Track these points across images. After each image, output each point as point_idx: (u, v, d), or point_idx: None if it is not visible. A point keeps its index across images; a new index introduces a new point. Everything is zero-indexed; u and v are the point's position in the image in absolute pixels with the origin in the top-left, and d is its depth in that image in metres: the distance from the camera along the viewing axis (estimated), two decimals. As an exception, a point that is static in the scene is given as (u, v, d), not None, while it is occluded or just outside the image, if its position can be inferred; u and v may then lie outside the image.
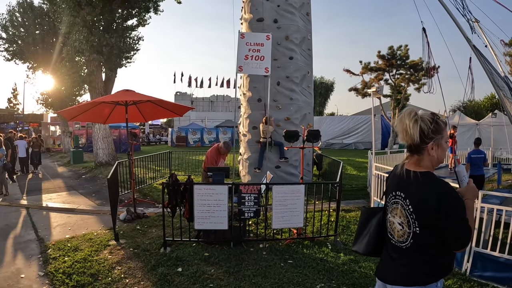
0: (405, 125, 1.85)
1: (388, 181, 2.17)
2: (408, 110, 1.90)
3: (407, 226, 1.88)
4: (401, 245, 1.93)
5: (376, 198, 7.56)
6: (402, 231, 1.91)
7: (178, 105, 8.49)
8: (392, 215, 2.00)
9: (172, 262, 4.87)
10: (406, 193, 1.89)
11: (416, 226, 1.82)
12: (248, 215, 5.26)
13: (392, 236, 2.01)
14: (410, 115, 1.85)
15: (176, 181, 5.46)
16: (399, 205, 1.94)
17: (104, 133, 16.05)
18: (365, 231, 2.20)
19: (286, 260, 4.97)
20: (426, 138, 1.83)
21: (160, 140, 41.35)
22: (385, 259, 2.09)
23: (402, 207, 1.91)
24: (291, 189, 5.34)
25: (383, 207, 2.21)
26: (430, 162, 1.89)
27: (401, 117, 1.90)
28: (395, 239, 1.97)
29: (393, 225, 1.99)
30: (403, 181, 1.92)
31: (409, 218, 1.85)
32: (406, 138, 1.87)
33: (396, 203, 1.96)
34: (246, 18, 10.64)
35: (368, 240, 2.16)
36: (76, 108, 7.35)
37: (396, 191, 1.97)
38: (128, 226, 6.79)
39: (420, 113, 1.86)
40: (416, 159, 1.91)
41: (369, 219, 2.21)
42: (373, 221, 2.17)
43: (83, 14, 13.86)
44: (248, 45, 5.82)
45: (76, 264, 4.93)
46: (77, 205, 8.90)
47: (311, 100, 11.18)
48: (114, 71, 16.70)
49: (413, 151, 1.91)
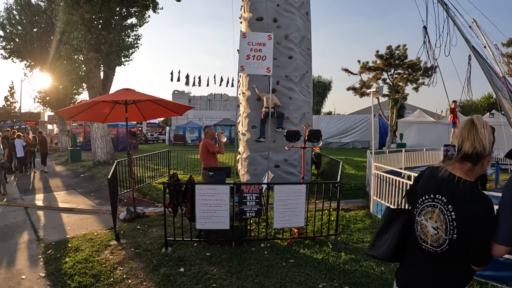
0: (482, 134, 1.79)
1: (420, 181, 2.06)
2: (481, 119, 1.85)
3: (443, 231, 1.82)
4: (435, 250, 1.87)
5: (375, 197, 7.58)
6: (437, 236, 1.85)
7: (178, 104, 8.47)
8: (425, 218, 1.92)
9: (174, 262, 4.87)
10: (450, 199, 1.82)
11: (454, 233, 1.78)
12: (250, 214, 5.27)
13: (423, 241, 1.93)
14: (486, 125, 1.82)
15: (178, 181, 5.46)
16: (436, 209, 1.87)
17: (103, 132, 15.99)
18: (387, 234, 2.10)
19: (287, 260, 4.99)
20: (489, 150, 1.82)
21: (157, 138, 41.23)
22: (409, 265, 2.03)
23: (441, 212, 1.84)
24: (293, 189, 5.35)
25: (406, 210, 2.13)
26: (476, 174, 1.86)
27: (474, 124, 1.84)
28: (428, 243, 1.90)
29: (425, 228, 1.92)
30: (447, 185, 1.86)
31: (448, 224, 1.80)
32: (476, 145, 1.80)
33: (434, 206, 1.89)
34: (246, 17, 10.62)
35: (390, 244, 2.06)
36: (75, 107, 7.33)
37: (436, 194, 1.89)
38: (129, 226, 6.78)
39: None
40: (469, 168, 1.84)
41: (393, 221, 2.12)
42: (397, 223, 2.08)
43: (82, 12, 13.79)
44: (250, 44, 5.81)
45: (78, 265, 4.91)
46: (76, 205, 8.87)
47: (310, 99, 11.18)
48: (113, 69, 16.63)
49: (470, 159, 1.83)
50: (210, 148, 6.92)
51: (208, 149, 6.92)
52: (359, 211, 7.79)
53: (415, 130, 25.57)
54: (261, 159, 10.03)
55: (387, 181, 7.04)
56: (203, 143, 7.03)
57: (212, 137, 7.20)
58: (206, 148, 6.93)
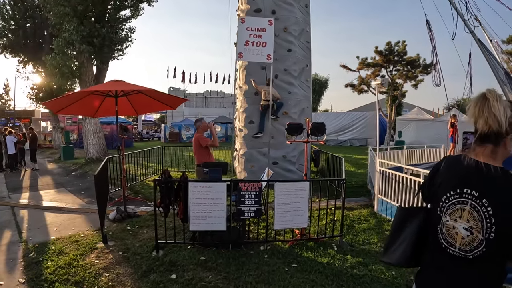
0: (495, 108, 1.50)
1: (439, 175, 1.72)
2: (494, 92, 1.55)
3: (479, 232, 1.49)
4: (467, 255, 1.54)
5: (380, 195, 7.20)
6: (470, 238, 1.52)
7: (171, 96, 7.98)
8: (452, 218, 1.59)
9: (165, 267, 4.44)
10: (483, 191, 1.51)
11: (492, 232, 1.46)
12: (248, 214, 4.82)
13: (450, 245, 1.60)
14: (500, 99, 1.52)
15: (169, 177, 5.00)
16: (467, 206, 1.54)
17: (95, 128, 15.54)
18: (400, 237, 1.81)
19: (290, 264, 4.57)
20: (509, 128, 1.52)
21: (153, 136, 40.84)
22: (433, 273, 1.70)
23: (473, 209, 1.52)
24: (295, 186, 4.92)
25: (422, 208, 1.81)
26: (502, 157, 1.56)
27: (485, 98, 1.56)
28: (456, 247, 1.57)
29: (452, 230, 1.59)
30: (476, 176, 1.54)
31: (485, 222, 1.47)
32: (491, 122, 1.52)
33: (463, 203, 1.56)
34: (243, 9, 10.22)
35: (405, 248, 1.76)
36: (62, 99, 6.84)
37: (464, 188, 1.56)
38: (118, 227, 6.34)
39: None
40: (491, 150, 1.55)
41: (406, 222, 1.82)
42: (412, 224, 1.78)
43: (74, 4, 13.30)
44: (249, 30, 5.36)
45: (60, 270, 4.49)
46: (65, 204, 8.44)
47: (310, 94, 10.80)
48: (106, 63, 16.15)
49: (488, 140, 1.55)
50: (202, 142, 6.45)
51: (200, 144, 6.47)
52: (363, 210, 7.40)
53: (413, 128, 25.26)
54: (259, 156, 9.63)
55: (394, 178, 6.65)
56: (195, 137, 6.57)
57: (205, 130, 6.72)
58: (198, 143, 6.47)
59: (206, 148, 6.50)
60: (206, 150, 6.51)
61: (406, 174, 6.50)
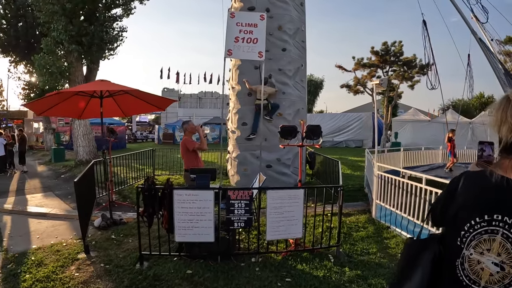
0: None
1: (458, 196, 1.39)
2: None
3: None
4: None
5: (378, 201, 6.90)
6: (501, 275, 1.22)
7: (159, 97, 7.62)
8: (477, 251, 1.29)
9: (148, 282, 4.11)
10: None
11: None
12: (238, 225, 4.50)
13: (473, 282, 1.29)
14: None
15: (153, 185, 4.66)
16: (498, 236, 1.24)
17: (85, 130, 15.16)
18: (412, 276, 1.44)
19: (283, 278, 4.25)
20: None
21: (147, 137, 40.41)
22: None
23: (505, 239, 1.22)
24: (288, 194, 4.60)
25: (435, 237, 1.48)
26: None
27: (509, 101, 1.29)
28: (481, 285, 1.27)
29: (476, 265, 1.28)
30: (507, 198, 1.24)
31: None
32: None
33: (492, 232, 1.25)
34: (236, 7, 9.92)
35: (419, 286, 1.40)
36: (44, 100, 6.46)
37: (493, 214, 1.25)
38: (102, 235, 6.00)
39: None
40: None
41: (418, 257, 1.47)
42: (425, 261, 1.44)
43: (63, 2, 12.92)
44: (239, 25, 5.03)
45: (37, 284, 4.17)
46: (50, 209, 8.09)
47: (305, 94, 10.52)
48: (96, 63, 15.77)
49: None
50: (189, 145, 6.11)
51: (187, 147, 6.15)
52: (360, 216, 7.10)
53: (409, 129, 25.02)
54: (252, 159, 9.32)
55: (393, 183, 6.35)
56: (182, 141, 6.24)
57: (193, 132, 6.39)
58: (185, 147, 6.14)
59: (194, 152, 6.17)
60: (194, 154, 6.18)
61: (403, 178, 6.22)
